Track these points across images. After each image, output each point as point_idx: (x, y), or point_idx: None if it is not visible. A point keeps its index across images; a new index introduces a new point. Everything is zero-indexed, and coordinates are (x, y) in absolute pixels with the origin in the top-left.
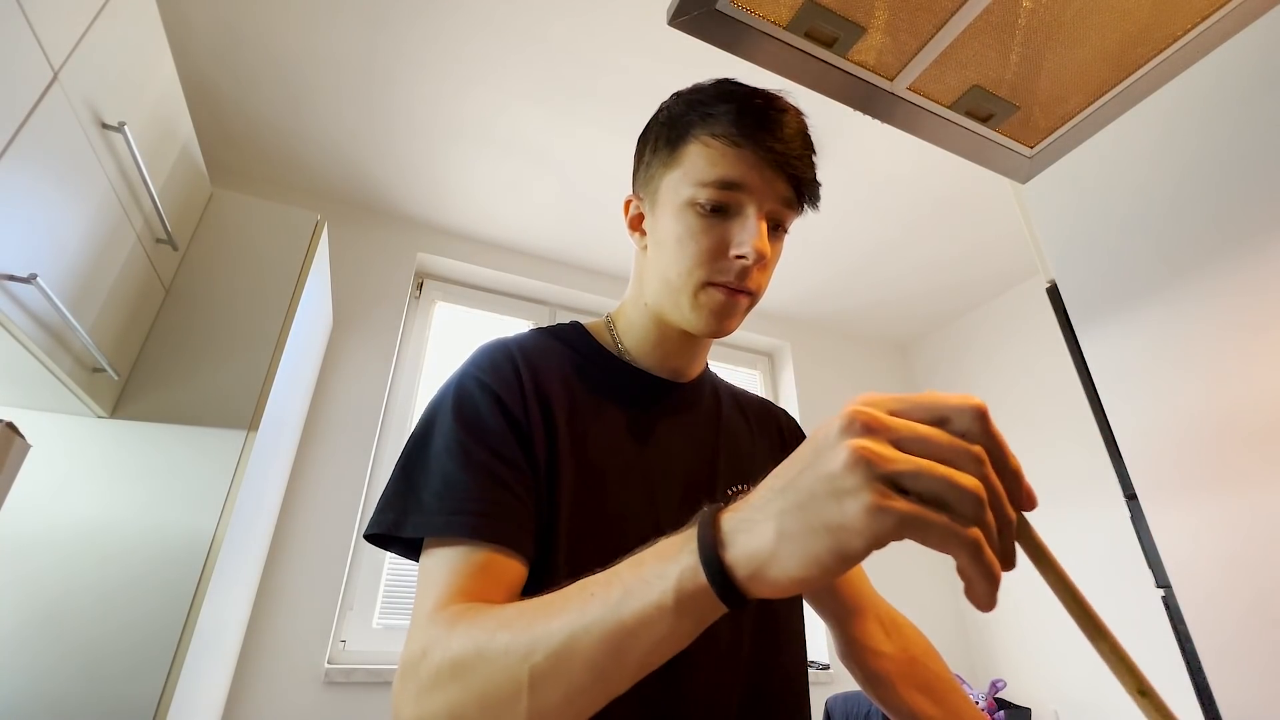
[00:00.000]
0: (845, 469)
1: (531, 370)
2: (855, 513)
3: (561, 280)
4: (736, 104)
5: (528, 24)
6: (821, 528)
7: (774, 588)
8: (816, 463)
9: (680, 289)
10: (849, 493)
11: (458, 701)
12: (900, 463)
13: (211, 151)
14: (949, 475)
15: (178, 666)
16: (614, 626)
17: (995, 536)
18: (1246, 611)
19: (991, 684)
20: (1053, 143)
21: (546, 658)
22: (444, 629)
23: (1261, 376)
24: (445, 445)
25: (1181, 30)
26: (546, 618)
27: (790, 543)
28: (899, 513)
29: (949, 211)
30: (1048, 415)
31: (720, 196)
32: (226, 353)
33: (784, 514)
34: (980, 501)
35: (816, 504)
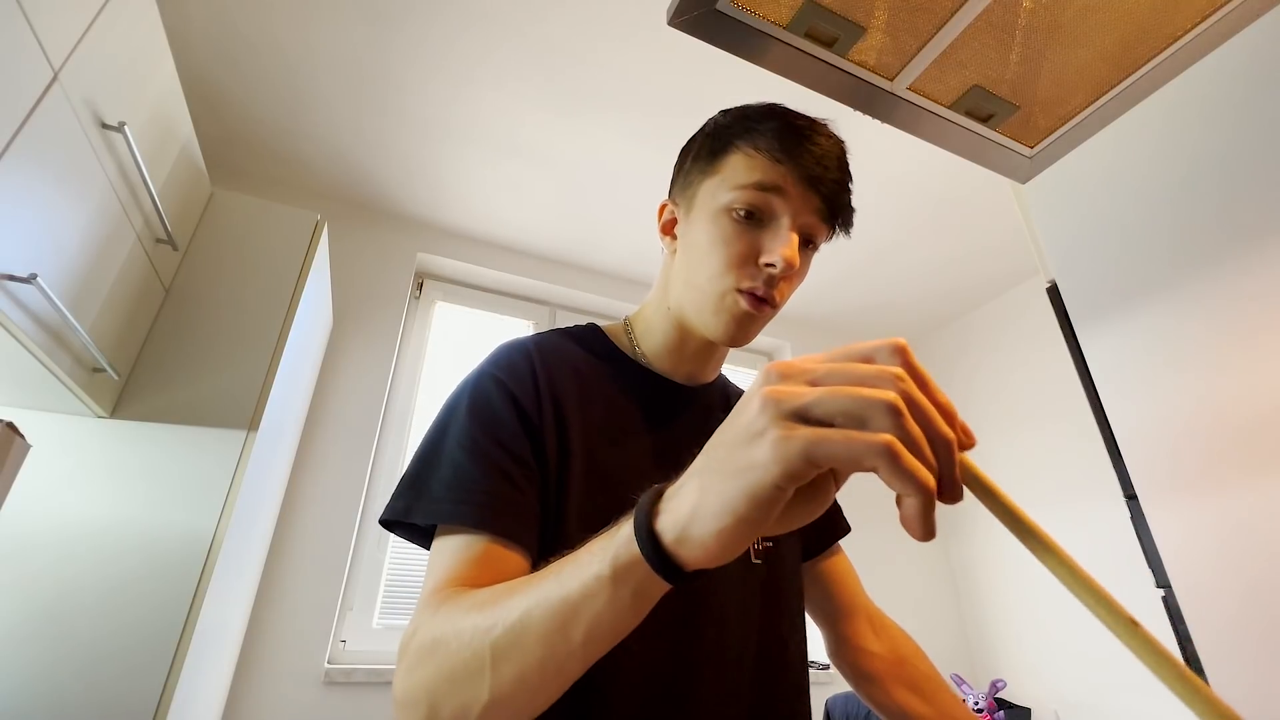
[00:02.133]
0: (758, 412)
1: (547, 370)
2: (763, 449)
3: (561, 280)
4: (780, 122)
5: (528, 24)
6: (736, 472)
7: (701, 549)
8: (735, 417)
9: (706, 293)
10: (759, 433)
11: (432, 678)
12: (806, 395)
13: (211, 151)
14: (855, 391)
15: (178, 666)
16: (559, 599)
17: (925, 450)
18: (1246, 611)
19: (991, 684)
20: (1053, 143)
21: (505, 633)
22: (431, 611)
23: (1262, 375)
24: (458, 438)
25: (1181, 30)
26: (510, 596)
27: (708, 495)
28: (800, 437)
29: (949, 212)
30: (1048, 415)
31: (756, 199)
32: (226, 353)
33: (704, 471)
34: (892, 409)
35: (731, 453)
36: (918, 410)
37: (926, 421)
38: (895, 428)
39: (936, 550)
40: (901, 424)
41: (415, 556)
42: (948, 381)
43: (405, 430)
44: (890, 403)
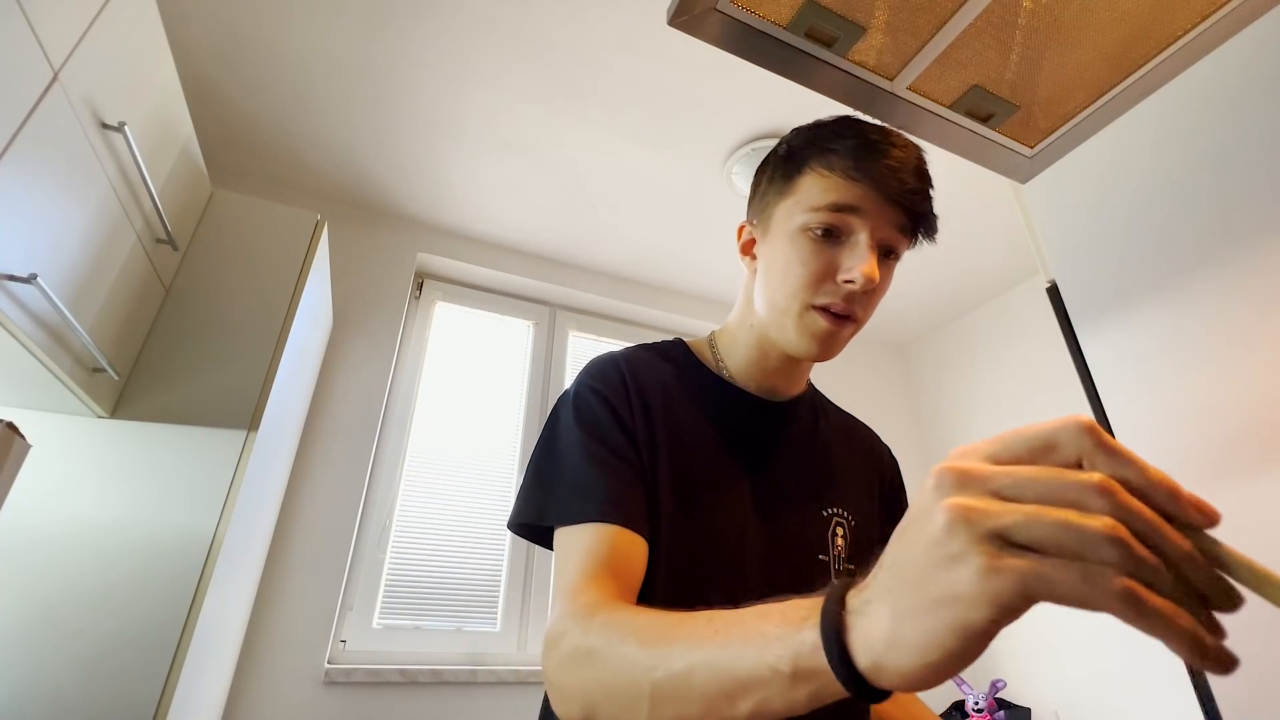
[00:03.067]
0: (945, 532)
1: (636, 380)
2: (966, 580)
3: (561, 280)
4: (854, 139)
5: (528, 24)
6: (935, 603)
7: (903, 678)
8: (916, 532)
9: (785, 311)
10: (956, 558)
11: (589, 687)
12: (1005, 514)
13: (211, 151)
14: (1065, 516)
15: (178, 666)
16: (728, 672)
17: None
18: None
19: (991, 684)
20: (1053, 143)
21: (667, 677)
22: (582, 618)
23: (1262, 375)
24: (570, 446)
25: (1181, 30)
26: (670, 639)
27: (905, 625)
28: (1016, 571)
29: (949, 212)
30: (1048, 415)
31: (833, 219)
32: (226, 353)
33: (894, 592)
34: (1116, 539)
35: (924, 577)
36: (1142, 525)
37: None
38: (1125, 561)
39: None
40: (1131, 556)
41: (415, 557)
42: (948, 382)
43: (405, 430)
44: (1113, 534)
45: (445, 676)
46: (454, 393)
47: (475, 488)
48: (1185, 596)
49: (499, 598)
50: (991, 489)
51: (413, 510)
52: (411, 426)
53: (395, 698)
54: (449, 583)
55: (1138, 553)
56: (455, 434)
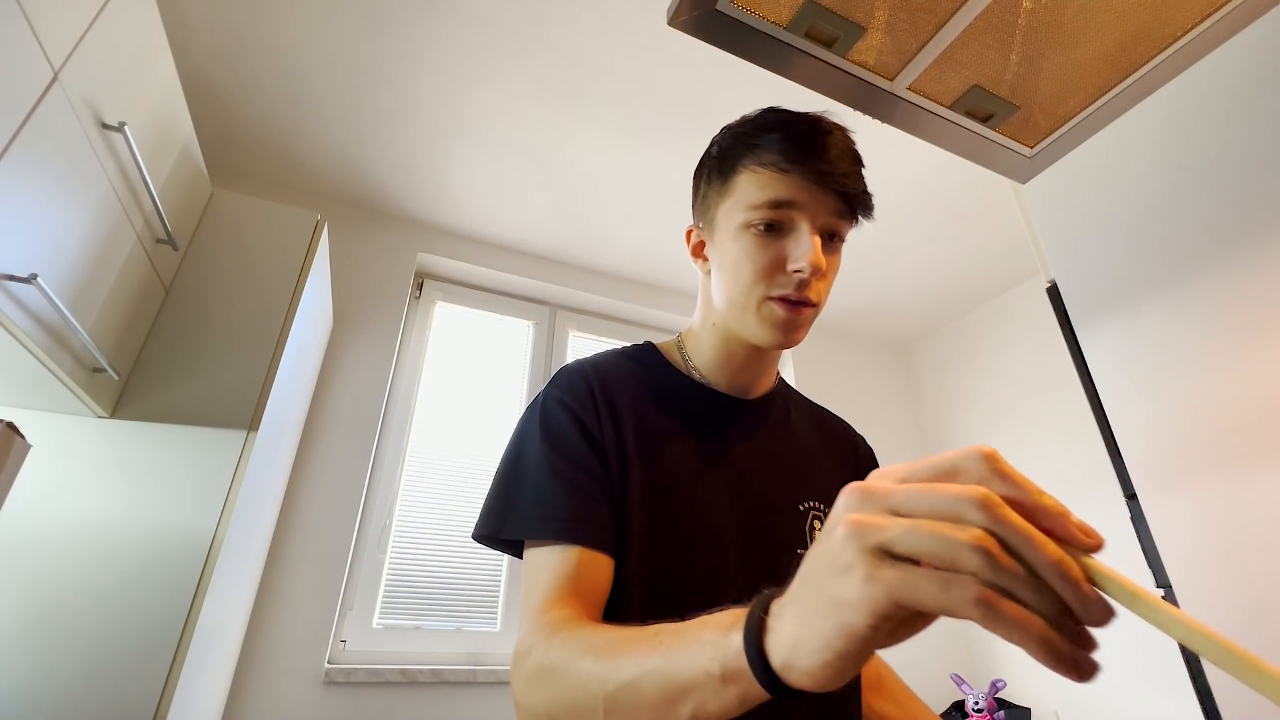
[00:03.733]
0: (841, 543)
1: (604, 389)
2: (852, 587)
3: (561, 280)
4: (781, 132)
5: (528, 24)
6: (828, 608)
7: (808, 677)
8: (823, 543)
9: (744, 306)
10: (846, 568)
11: (552, 703)
12: (889, 527)
13: (211, 151)
14: (938, 529)
15: (178, 666)
16: (668, 679)
17: (1026, 585)
18: (1247, 610)
19: (991, 684)
20: (1053, 143)
21: (618, 689)
22: (545, 635)
23: (1262, 374)
24: (535, 459)
25: (1181, 30)
26: (622, 653)
27: (806, 627)
28: (887, 580)
29: (949, 211)
30: (1047, 415)
31: (772, 215)
32: (226, 353)
33: (800, 598)
34: (979, 549)
35: (822, 584)
36: (1013, 536)
37: (1028, 547)
38: (986, 569)
39: None
40: (993, 565)
41: (415, 557)
42: (948, 382)
43: (405, 430)
44: (977, 544)
45: (445, 676)
46: (454, 393)
47: (475, 488)
48: (1049, 606)
49: (499, 598)
50: (888, 505)
51: (413, 510)
52: (411, 426)
53: (395, 698)
54: (449, 583)
55: (1001, 562)
56: (455, 434)
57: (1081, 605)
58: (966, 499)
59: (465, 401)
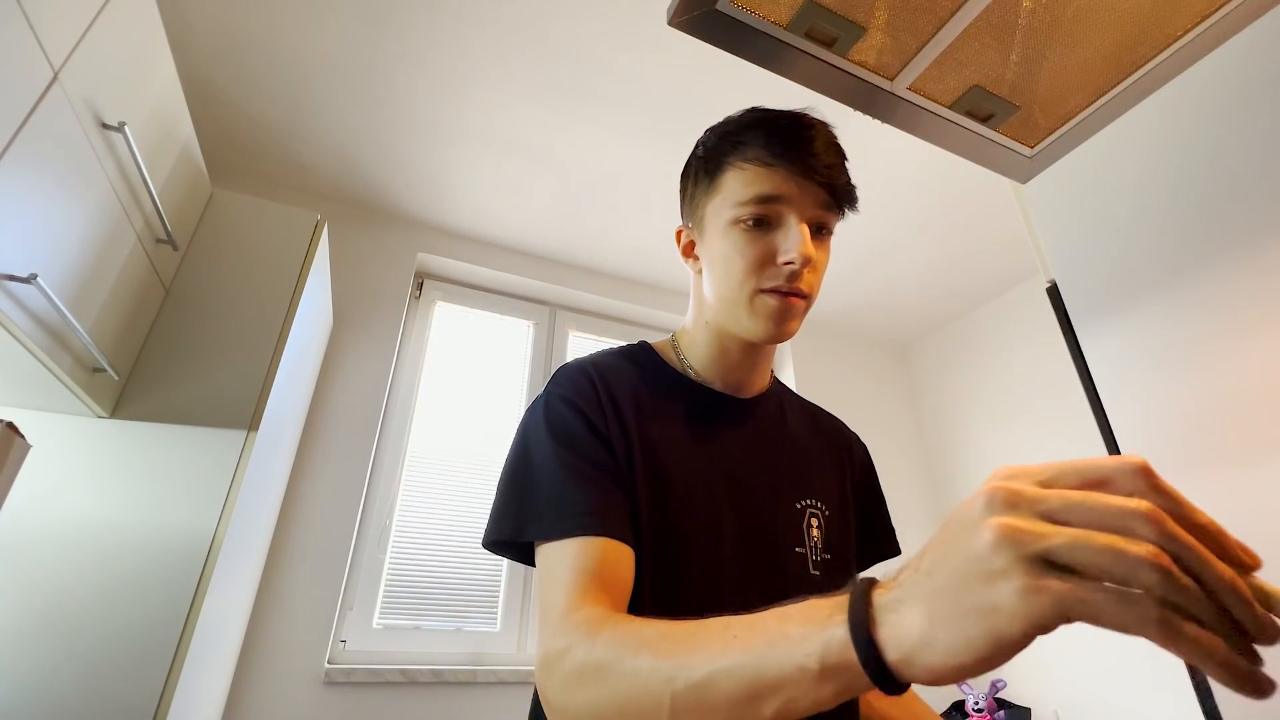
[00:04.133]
0: (991, 549)
1: (606, 386)
2: (1007, 596)
3: (561, 280)
4: (764, 128)
5: (528, 24)
6: (973, 612)
7: (928, 673)
8: (961, 543)
9: (736, 301)
10: (999, 574)
11: (599, 701)
12: (1051, 536)
13: (211, 151)
14: (1112, 542)
15: (178, 666)
16: (753, 675)
17: (1204, 603)
18: None
19: (991, 684)
20: (1053, 143)
21: (688, 688)
22: (586, 632)
23: (1262, 373)
24: (545, 458)
25: (1181, 31)
26: (688, 648)
27: (941, 628)
28: (1055, 593)
29: (949, 211)
30: (1048, 415)
31: (760, 210)
32: (226, 353)
33: (933, 597)
34: (1158, 567)
35: (966, 587)
36: (1186, 554)
37: (1203, 566)
38: (1164, 587)
39: None
40: (1172, 582)
41: (415, 557)
42: (948, 382)
43: (405, 430)
44: (1155, 561)
45: (445, 676)
46: (454, 393)
47: (475, 488)
48: (1224, 625)
49: (499, 598)
50: (1041, 510)
51: (413, 510)
52: (411, 426)
53: (395, 698)
54: (449, 583)
55: (1178, 580)
56: (455, 434)
57: (1256, 625)
58: (1135, 512)
59: (465, 402)
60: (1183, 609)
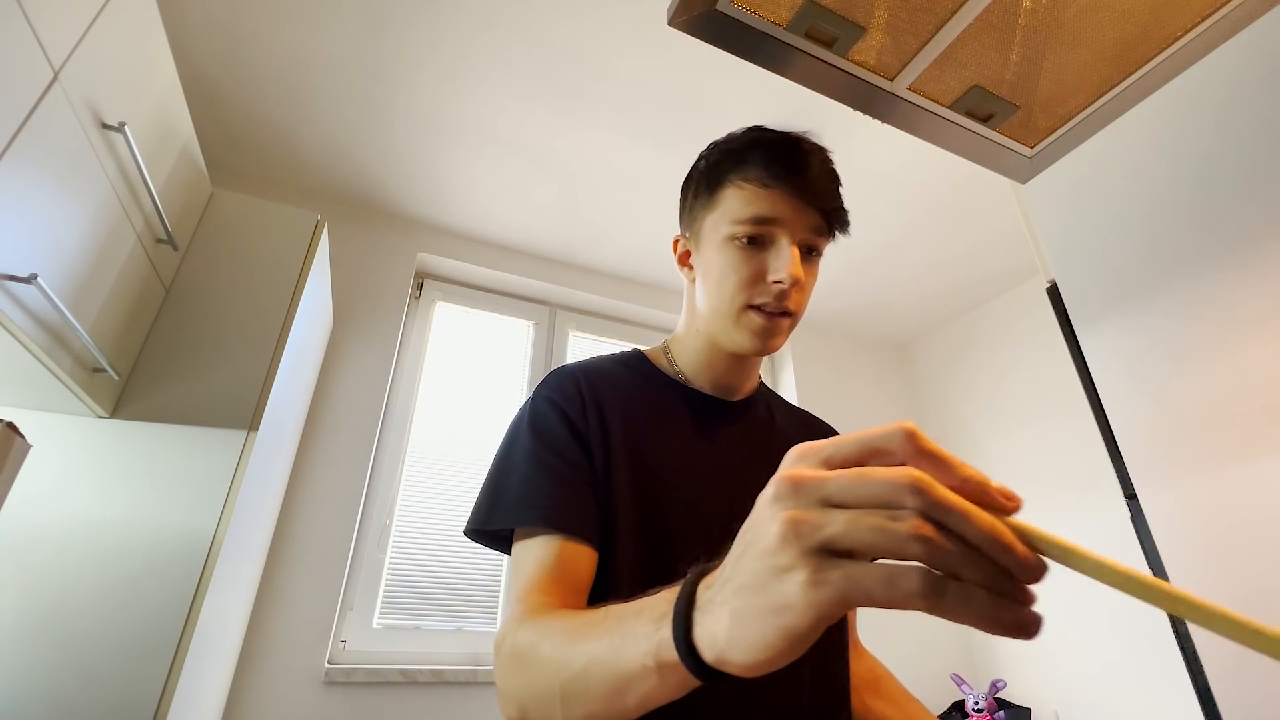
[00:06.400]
0: (778, 545)
1: (592, 389)
2: (794, 591)
3: (561, 280)
4: (765, 150)
5: (528, 24)
6: (768, 609)
7: (741, 669)
8: (754, 539)
9: (726, 314)
10: (786, 570)
11: (521, 689)
12: (829, 525)
13: (211, 151)
14: (878, 522)
15: (178, 666)
16: (612, 669)
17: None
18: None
19: (991, 684)
20: (1053, 143)
21: (572, 678)
22: (516, 623)
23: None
24: (523, 454)
25: (1181, 30)
26: (576, 640)
27: (742, 626)
28: (834, 583)
29: (949, 211)
30: (1048, 415)
31: (755, 230)
32: (226, 353)
33: (736, 596)
34: (921, 538)
35: (760, 584)
36: (948, 516)
37: (964, 523)
38: (930, 558)
39: None
40: (935, 551)
41: (415, 557)
42: (948, 382)
43: (405, 430)
44: (918, 534)
45: (445, 676)
46: (454, 393)
47: (475, 487)
48: (991, 575)
49: (499, 598)
50: (822, 495)
51: (413, 510)
52: (411, 426)
53: (395, 698)
54: (449, 583)
55: (942, 547)
56: (455, 434)
57: (1018, 567)
58: (901, 484)
59: (465, 402)
60: (951, 569)
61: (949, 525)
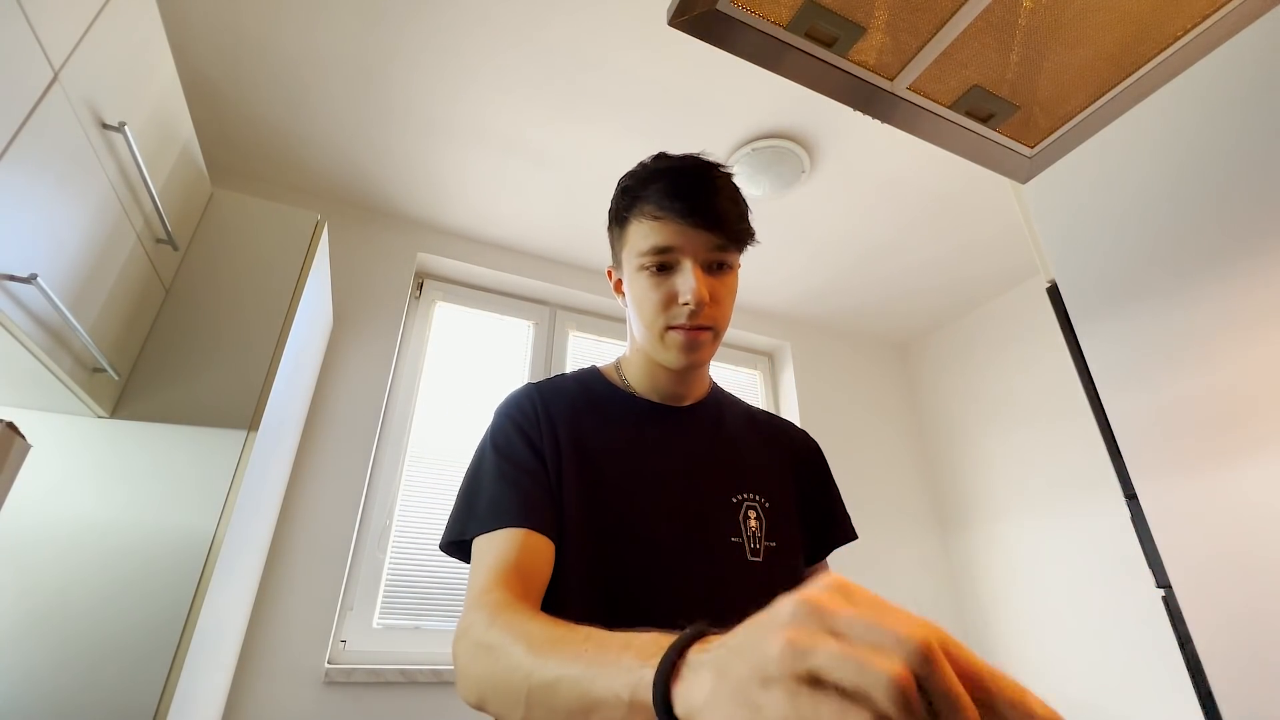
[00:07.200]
0: (774, 659)
1: (545, 404)
2: (772, 702)
3: (561, 280)
4: (656, 183)
5: (528, 24)
6: (746, 705)
7: None
8: (760, 639)
9: (651, 336)
10: (772, 681)
11: (484, 679)
12: (818, 653)
13: (211, 151)
14: (861, 656)
15: (178, 666)
16: (586, 689)
17: None
18: (1246, 610)
19: None
20: (1053, 143)
21: (540, 685)
22: (486, 615)
23: (1260, 372)
24: (489, 469)
25: (1181, 30)
26: (550, 651)
27: (719, 705)
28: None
29: (949, 211)
30: (1048, 415)
31: (659, 259)
32: (226, 353)
33: (723, 674)
34: (896, 686)
35: (747, 678)
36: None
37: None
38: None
39: (937, 550)
40: (903, 705)
41: (415, 557)
42: (948, 381)
43: (405, 430)
44: (895, 680)
45: (445, 676)
46: (454, 393)
47: None
48: None
49: None
50: (829, 625)
51: (413, 510)
52: (411, 426)
53: (395, 698)
54: (449, 583)
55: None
56: (455, 434)
57: None
58: (907, 637)
59: (465, 402)
60: None
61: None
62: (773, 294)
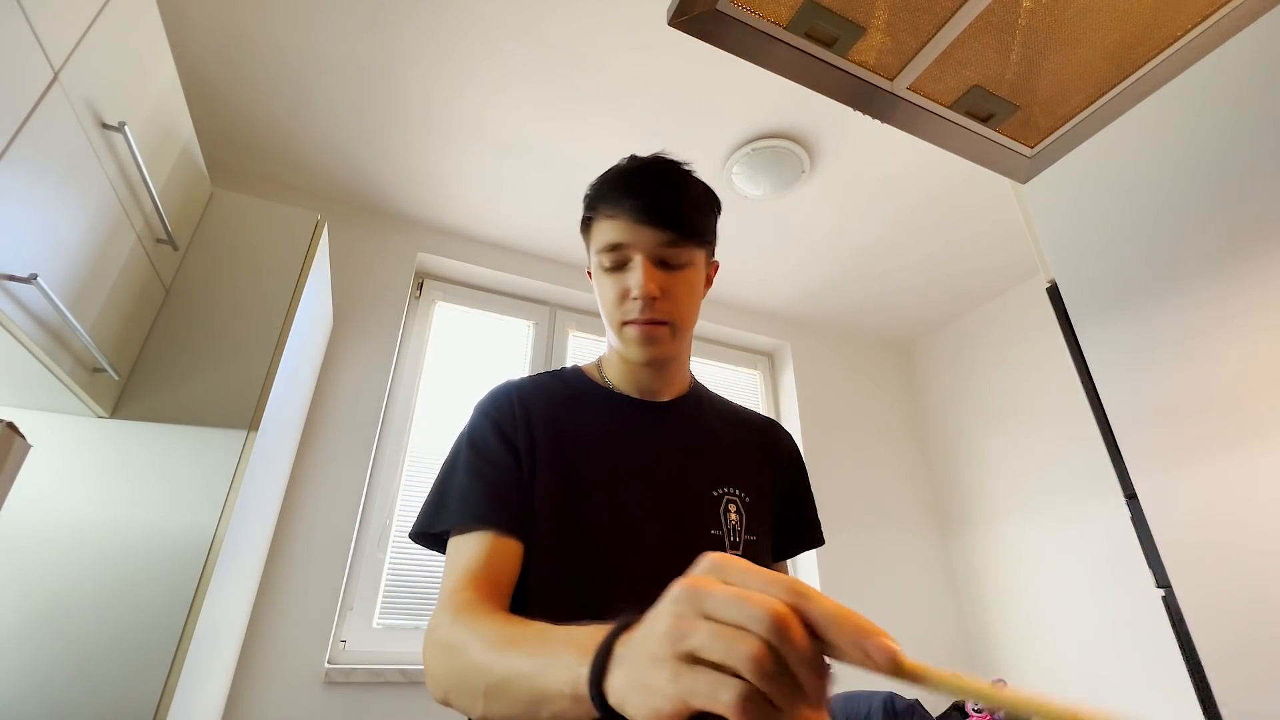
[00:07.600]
0: (660, 639)
1: (524, 401)
2: (661, 681)
3: (561, 280)
4: (611, 183)
5: (528, 23)
6: (645, 687)
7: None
8: (651, 624)
9: (613, 331)
10: (660, 661)
11: (448, 675)
12: (695, 635)
13: (211, 151)
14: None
15: (178, 666)
16: (535, 685)
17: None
18: (1246, 610)
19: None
20: (1053, 143)
21: (495, 682)
22: (451, 615)
23: (1259, 371)
24: (463, 464)
25: (1181, 30)
26: (505, 649)
27: (630, 691)
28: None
29: (949, 211)
30: (1048, 415)
31: (612, 256)
32: (226, 353)
33: (631, 663)
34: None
35: (643, 664)
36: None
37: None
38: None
39: (936, 550)
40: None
41: (415, 557)
42: (948, 381)
43: (405, 430)
44: (754, 657)
45: None
46: (454, 393)
47: None
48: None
49: None
50: (703, 609)
51: (413, 510)
52: (412, 426)
53: (395, 698)
54: None
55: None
56: (455, 434)
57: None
58: (762, 613)
59: (465, 402)
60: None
61: (788, 662)
62: (773, 294)
